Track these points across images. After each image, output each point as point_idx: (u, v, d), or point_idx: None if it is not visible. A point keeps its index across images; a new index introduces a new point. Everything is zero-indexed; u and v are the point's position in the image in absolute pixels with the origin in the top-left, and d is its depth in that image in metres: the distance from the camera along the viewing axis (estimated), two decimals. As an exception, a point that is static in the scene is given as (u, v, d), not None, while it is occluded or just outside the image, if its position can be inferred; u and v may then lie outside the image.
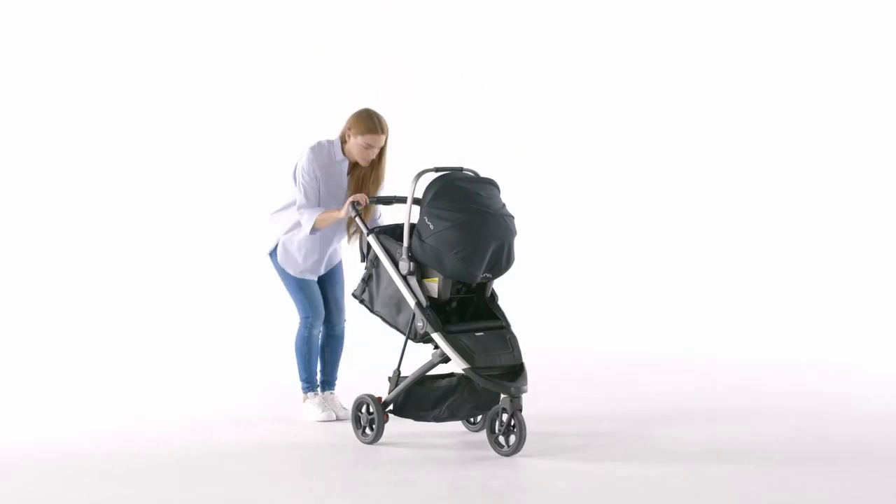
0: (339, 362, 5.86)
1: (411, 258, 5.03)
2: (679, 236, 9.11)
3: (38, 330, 8.42)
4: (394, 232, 5.29)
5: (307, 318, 5.70)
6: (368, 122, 5.48)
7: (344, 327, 5.87)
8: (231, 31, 9.21)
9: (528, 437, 4.91)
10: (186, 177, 9.15)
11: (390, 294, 5.19)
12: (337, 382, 5.87)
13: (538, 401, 5.59)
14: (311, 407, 5.74)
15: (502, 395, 4.90)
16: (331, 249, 5.70)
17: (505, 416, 4.87)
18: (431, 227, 4.92)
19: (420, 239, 4.98)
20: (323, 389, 5.83)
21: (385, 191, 5.66)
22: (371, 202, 5.44)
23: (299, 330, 5.73)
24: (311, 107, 8.94)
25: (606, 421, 5.68)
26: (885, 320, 8.20)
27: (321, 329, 5.78)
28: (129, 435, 5.53)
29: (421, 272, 5.05)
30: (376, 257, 5.24)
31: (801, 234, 8.91)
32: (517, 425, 4.85)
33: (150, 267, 9.05)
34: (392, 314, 5.21)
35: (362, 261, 5.42)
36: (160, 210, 9.14)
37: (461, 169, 5.11)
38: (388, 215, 5.67)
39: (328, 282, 5.81)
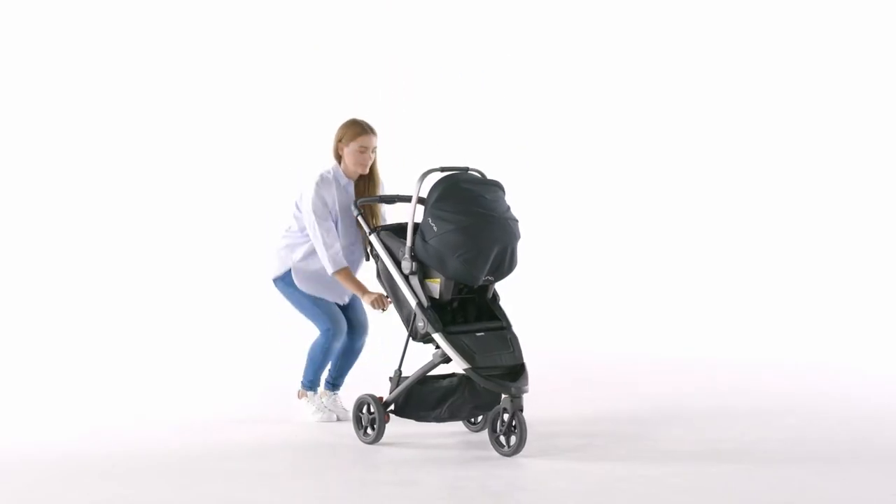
0: (349, 370, 5.83)
1: (414, 258, 5.03)
2: (679, 236, 9.12)
3: (38, 330, 8.43)
4: (397, 230, 5.27)
5: (328, 329, 5.60)
6: (356, 127, 5.50)
7: (364, 342, 5.79)
8: (231, 32, 9.21)
9: (529, 437, 4.91)
10: (186, 177, 9.16)
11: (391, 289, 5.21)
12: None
13: (538, 401, 5.59)
14: (309, 406, 5.73)
15: (503, 396, 4.89)
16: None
17: (506, 416, 4.87)
18: (435, 228, 4.91)
19: (423, 240, 4.97)
20: (326, 387, 5.81)
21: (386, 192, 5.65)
22: (374, 201, 5.44)
23: (319, 340, 5.64)
24: (311, 108, 8.94)
25: (606, 421, 5.68)
26: (885, 320, 8.20)
27: (340, 343, 5.66)
28: (129, 435, 5.53)
29: (423, 272, 5.05)
30: (378, 255, 5.25)
31: (801, 234, 8.91)
32: (518, 425, 4.85)
33: (150, 267, 9.06)
34: (394, 306, 5.23)
35: (367, 259, 5.41)
36: (160, 211, 9.15)
37: (467, 169, 5.10)
38: (391, 214, 5.66)
39: (350, 304, 5.73)
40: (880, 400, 6.18)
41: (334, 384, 5.83)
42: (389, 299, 5.28)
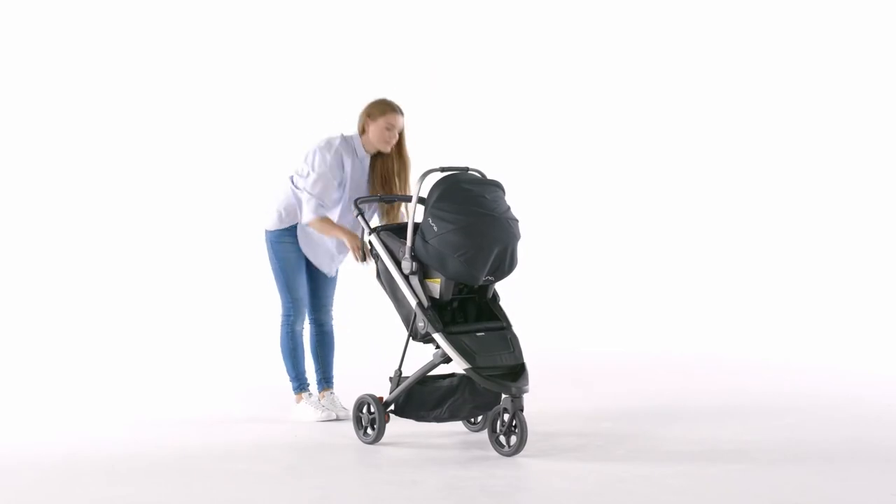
0: (332, 359, 5.86)
1: (414, 258, 5.04)
2: (679, 236, 9.12)
3: (38, 331, 8.42)
4: (397, 230, 5.28)
5: (289, 315, 5.70)
6: (384, 105, 5.54)
7: (332, 325, 5.86)
8: (232, 32, 9.20)
9: (529, 437, 4.91)
10: (183, 178, 9.14)
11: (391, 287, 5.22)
12: (335, 381, 5.86)
13: (538, 401, 5.59)
14: (307, 408, 5.74)
15: (503, 395, 4.90)
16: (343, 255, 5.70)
17: (506, 416, 4.87)
18: (435, 228, 4.91)
19: (423, 240, 4.97)
20: (321, 388, 5.83)
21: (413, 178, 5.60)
22: (373, 201, 5.46)
23: (281, 327, 5.74)
24: (314, 107, 8.92)
25: (606, 421, 5.68)
26: (885, 320, 8.20)
27: (302, 327, 5.76)
28: (128, 435, 5.53)
29: (423, 272, 5.05)
30: (378, 255, 5.24)
31: (801, 234, 8.92)
32: (518, 425, 4.85)
33: (149, 268, 9.05)
34: (394, 306, 5.24)
35: (364, 260, 5.39)
36: (157, 212, 9.13)
37: (467, 169, 5.10)
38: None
39: (320, 281, 5.78)
40: (880, 399, 6.17)
41: (325, 380, 5.83)
42: (371, 252, 5.29)
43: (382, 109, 5.53)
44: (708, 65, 9.21)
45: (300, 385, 5.79)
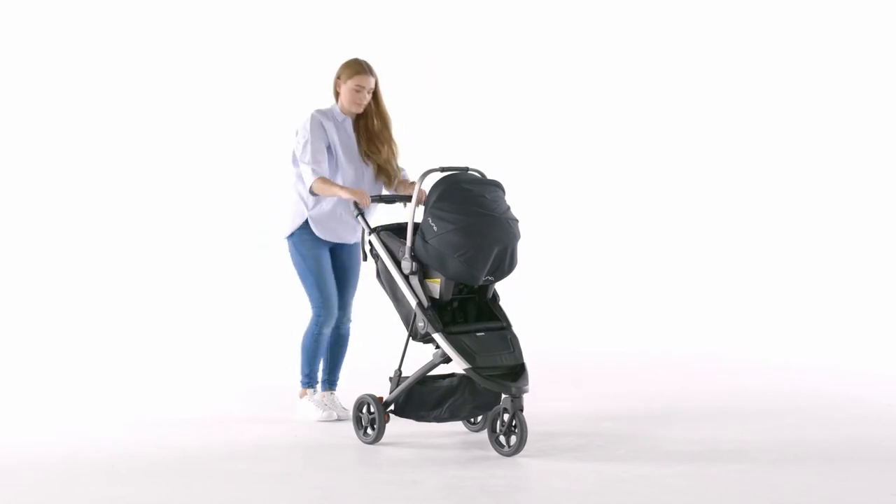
0: (342, 362, 5.85)
1: (414, 258, 5.04)
2: (679, 236, 9.12)
3: (38, 331, 8.42)
4: (397, 230, 5.28)
5: (319, 315, 5.63)
6: (355, 66, 5.59)
7: (349, 328, 5.85)
8: (234, 34, 9.20)
9: (529, 437, 4.91)
10: (182, 178, 9.14)
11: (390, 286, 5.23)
12: (338, 383, 5.87)
13: (538, 401, 5.59)
14: (309, 404, 5.72)
15: (503, 395, 4.90)
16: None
17: (506, 416, 4.87)
18: (435, 228, 4.91)
19: (423, 240, 4.98)
20: (324, 388, 5.83)
21: (398, 146, 5.68)
22: (374, 201, 5.45)
23: (309, 327, 5.67)
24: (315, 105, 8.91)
25: (606, 421, 5.68)
26: (885, 320, 8.20)
27: (329, 330, 5.71)
28: (128, 435, 5.53)
29: (423, 272, 5.05)
30: (378, 255, 5.25)
31: (802, 234, 8.92)
32: (518, 425, 4.85)
33: (149, 268, 9.05)
34: (394, 306, 5.24)
35: (365, 259, 5.39)
36: (157, 212, 9.13)
37: (467, 169, 5.11)
38: (393, 214, 5.65)
39: (343, 282, 5.77)
40: (880, 399, 6.18)
41: (330, 381, 5.83)
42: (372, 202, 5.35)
43: (351, 72, 5.58)
44: (707, 65, 9.21)
45: (309, 382, 5.75)
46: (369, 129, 5.65)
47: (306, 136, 5.52)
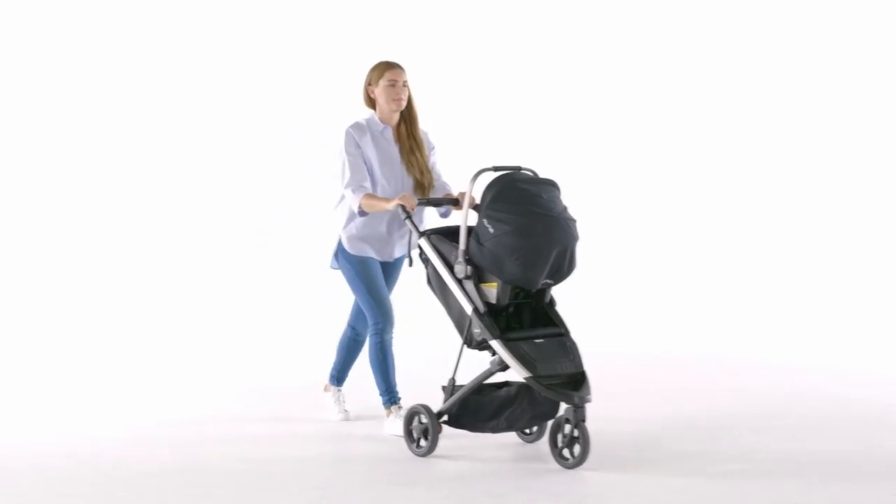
0: (352, 365, 5.74)
1: (468, 261, 4.81)
2: (679, 236, 9.11)
3: (39, 331, 8.41)
4: (448, 234, 5.01)
5: (377, 324, 5.35)
6: (382, 65, 5.40)
7: (367, 336, 5.56)
8: (237, 37, 9.19)
9: (528, 438, 4.90)
10: (182, 178, 9.13)
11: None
12: (346, 383, 5.81)
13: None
14: (397, 421, 5.32)
15: (563, 405, 4.71)
16: (403, 229, 5.36)
17: (568, 428, 4.65)
18: (491, 230, 4.67)
19: (478, 242, 4.73)
20: (331, 382, 5.77)
21: (431, 146, 5.50)
22: (421, 204, 5.23)
23: (371, 340, 5.38)
24: (327, 108, 8.87)
25: (607, 421, 5.67)
26: (885, 320, 8.20)
27: (391, 336, 5.41)
28: (128, 435, 5.53)
29: (478, 276, 4.82)
30: (428, 259, 5.02)
31: (801, 235, 8.91)
32: (581, 436, 4.62)
33: (149, 268, 9.04)
34: (446, 312, 5.01)
35: (410, 265, 5.13)
36: (157, 212, 9.12)
37: (519, 168, 4.91)
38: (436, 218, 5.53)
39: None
40: (880, 399, 6.17)
41: (338, 379, 5.77)
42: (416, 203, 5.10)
43: (380, 71, 5.39)
44: (710, 66, 9.20)
45: (391, 398, 5.40)
46: (402, 136, 5.42)
47: (343, 157, 5.31)
